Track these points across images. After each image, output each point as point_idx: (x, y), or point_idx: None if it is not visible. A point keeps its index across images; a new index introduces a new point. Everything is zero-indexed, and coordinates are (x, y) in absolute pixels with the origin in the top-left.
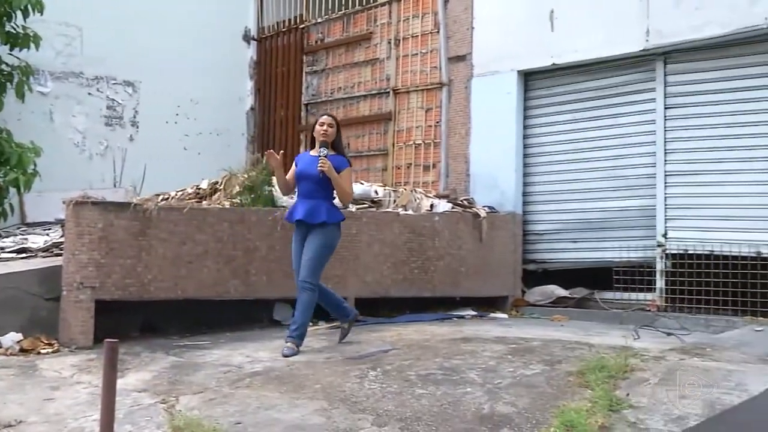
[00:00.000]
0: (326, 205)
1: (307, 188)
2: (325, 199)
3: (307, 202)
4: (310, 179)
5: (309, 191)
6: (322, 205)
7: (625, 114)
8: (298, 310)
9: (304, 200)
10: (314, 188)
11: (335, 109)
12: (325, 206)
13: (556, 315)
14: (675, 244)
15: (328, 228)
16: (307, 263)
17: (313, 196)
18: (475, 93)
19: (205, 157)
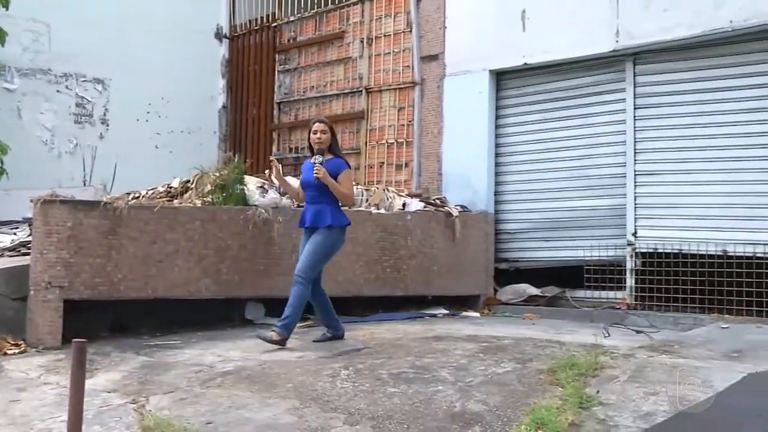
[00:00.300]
0: (330, 209)
1: (311, 194)
2: (328, 203)
3: (312, 208)
4: (312, 186)
5: (313, 197)
6: (327, 210)
7: (596, 114)
8: (288, 302)
9: (310, 206)
10: (317, 194)
11: (308, 108)
12: (330, 210)
13: (527, 313)
14: (644, 242)
15: (333, 230)
16: (304, 258)
17: (317, 201)
18: (447, 92)
19: (176, 155)
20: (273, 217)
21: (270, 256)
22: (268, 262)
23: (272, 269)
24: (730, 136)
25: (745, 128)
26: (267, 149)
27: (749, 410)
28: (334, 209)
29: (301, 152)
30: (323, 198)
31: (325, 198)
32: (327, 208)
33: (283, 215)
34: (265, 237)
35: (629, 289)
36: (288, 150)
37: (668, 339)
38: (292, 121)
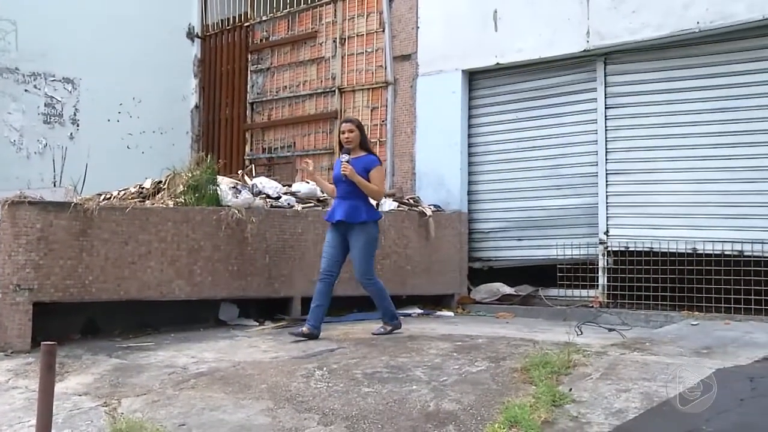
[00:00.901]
0: (363, 204)
1: (343, 190)
2: (361, 198)
3: (345, 203)
4: (344, 182)
5: (345, 193)
6: (360, 205)
7: (567, 113)
8: (376, 303)
9: (342, 201)
10: (349, 189)
11: (280, 108)
12: (363, 206)
13: (501, 312)
14: (616, 241)
15: (368, 225)
16: (359, 262)
17: (350, 197)
18: (420, 92)
19: (148, 155)
20: (246, 217)
21: (243, 257)
22: (241, 263)
23: (246, 270)
24: (699, 136)
25: (713, 128)
26: (240, 149)
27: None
28: (367, 205)
29: (274, 152)
30: (355, 194)
31: (356, 194)
32: (360, 204)
33: (257, 215)
34: (239, 237)
35: (602, 287)
36: (261, 150)
37: (640, 336)
38: (265, 121)
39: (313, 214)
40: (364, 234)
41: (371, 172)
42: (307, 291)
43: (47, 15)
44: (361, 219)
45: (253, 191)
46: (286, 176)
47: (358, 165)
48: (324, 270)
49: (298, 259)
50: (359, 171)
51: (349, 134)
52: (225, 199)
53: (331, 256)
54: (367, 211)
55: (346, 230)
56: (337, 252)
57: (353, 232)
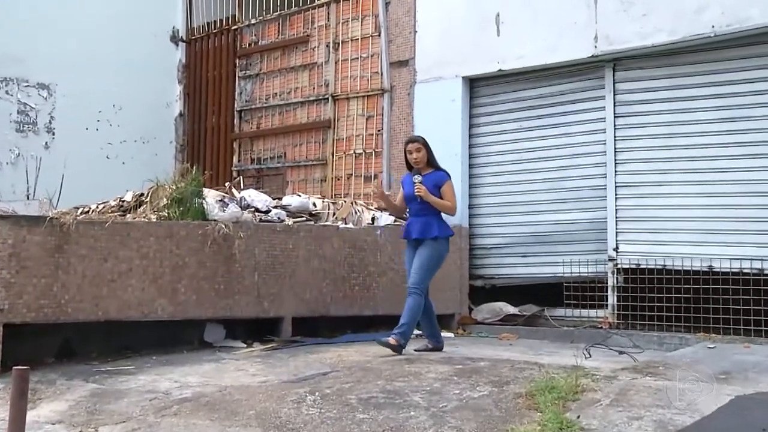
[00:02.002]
0: (436, 221)
1: (416, 208)
2: (434, 215)
3: (419, 220)
4: (416, 200)
5: (418, 210)
6: (433, 222)
7: (574, 123)
8: (404, 312)
9: (417, 218)
10: (421, 207)
11: (270, 117)
12: (436, 222)
13: (504, 333)
14: (627, 258)
15: (439, 241)
16: (417, 271)
17: (423, 214)
18: (418, 100)
19: (129, 166)
20: (234, 232)
21: (231, 274)
22: (228, 281)
23: (233, 288)
24: (714, 146)
25: (729, 137)
26: (227, 160)
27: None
28: (440, 221)
29: (264, 163)
30: (428, 211)
31: (429, 211)
32: (433, 221)
33: (245, 230)
34: (226, 254)
35: (611, 307)
36: (250, 161)
37: (652, 360)
38: (254, 130)
39: (304, 228)
40: (432, 248)
41: (443, 188)
42: (298, 310)
43: (19, 16)
44: (434, 234)
45: (241, 204)
46: (276, 188)
47: (428, 182)
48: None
49: (288, 277)
50: (430, 188)
51: (417, 155)
52: (211, 212)
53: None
54: (439, 227)
55: (418, 245)
56: None
57: (423, 244)
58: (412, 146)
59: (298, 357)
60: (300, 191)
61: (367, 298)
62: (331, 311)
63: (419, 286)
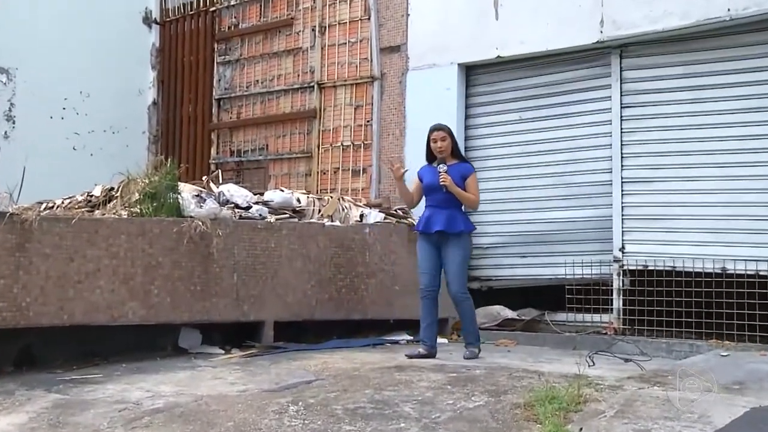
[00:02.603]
0: (460, 214)
1: (438, 199)
2: (458, 208)
3: (442, 212)
4: (439, 191)
5: (441, 202)
6: (458, 215)
7: (578, 113)
8: (464, 321)
9: (439, 210)
10: (445, 198)
11: (251, 105)
12: (460, 216)
13: (502, 339)
14: (633, 259)
15: (464, 236)
16: (456, 276)
17: (447, 206)
18: (410, 88)
19: (98, 158)
20: (212, 230)
21: (208, 275)
22: (206, 282)
23: (211, 290)
24: (730, 139)
25: (745, 129)
26: (205, 152)
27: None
28: (463, 214)
29: (244, 155)
30: (452, 203)
31: (453, 203)
32: (457, 214)
33: (223, 228)
34: (203, 253)
35: (616, 311)
36: (229, 153)
37: (661, 368)
38: (233, 120)
39: (287, 226)
40: (460, 245)
41: (467, 180)
42: (280, 314)
43: None
44: (459, 229)
45: (220, 200)
46: (258, 183)
47: (454, 173)
48: (426, 286)
49: (270, 278)
50: (456, 179)
51: (442, 143)
52: (187, 209)
53: (430, 270)
54: (464, 221)
55: (439, 241)
56: (436, 264)
57: (449, 242)
58: (437, 134)
59: (281, 364)
60: (283, 186)
61: (355, 301)
62: (316, 315)
63: (465, 289)
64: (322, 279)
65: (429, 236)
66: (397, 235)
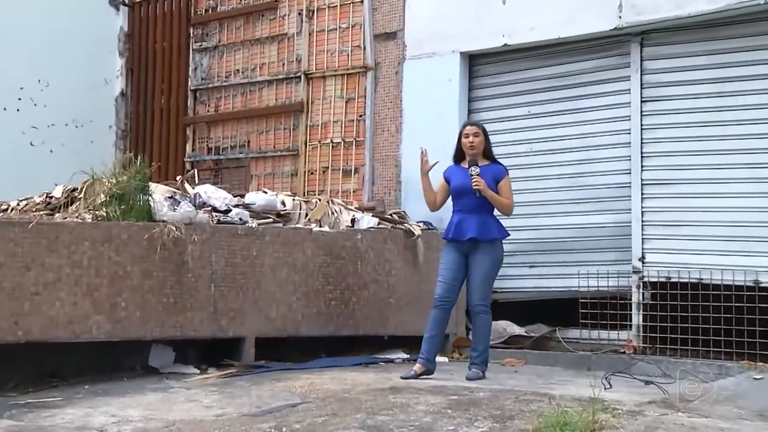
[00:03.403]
0: (494, 220)
1: (469, 204)
2: (490, 212)
3: (473, 218)
4: (471, 194)
5: (472, 206)
6: (491, 221)
7: (593, 108)
8: (476, 337)
9: (469, 216)
10: (478, 202)
11: (231, 97)
12: (494, 221)
13: (508, 359)
14: (655, 269)
15: (497, 244)
16: (480, 285)
17: (479, 210)
18: (408, 80)
19: (59, 155)
20: (186, 236)
21: (182, 286)
22: (179, 294)
23: (185, 303)
24: (761, 136)
25: None
26: (179, 149)
27: None
28: (496, 220)
29: (223, 153)
30: (484, 208)
31: (486, 208)
32: (490, 220)
33: (199, 234)
34: (177, 261)
35: (636, 328)
36: (206, 151)
37: (686, 392)
38: (211, 113)
39: (271, 232)
40: (491, 254)
41: (501, 183)
42: (262, 329)
43: None
44: (493, 236)
45: (196, 203)
46: (238, 184)
47: (486, 175)
48: (440, 296)
49: (251, 290)
50: (489, 182)
51: (475, 139)
52: (159, 212)
53: (450, 280)
54: (498, 228)
55: (470, 249)
56: (459, 275)
57: (479, 250)
58: (470, 129)
59: (263, 385)
60: (266, 187)
61: (346, 316)
62: (302, 331)
63: (487, 302)
64: (309, 291)
65: (459, 244)
66: (393, 242)
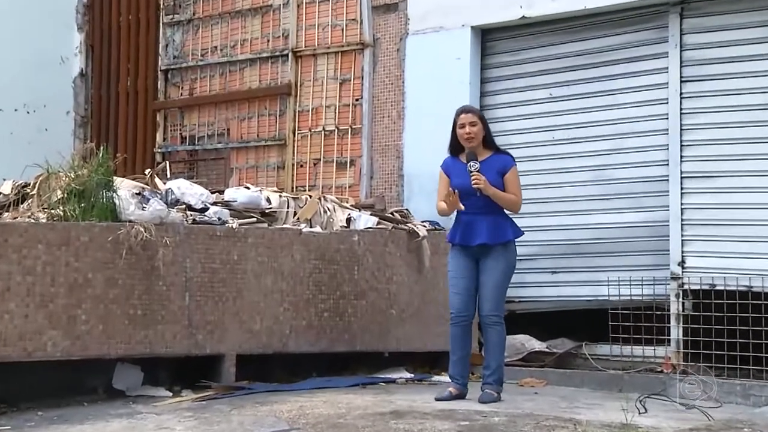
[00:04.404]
0: (505, 219)
1: (476, 204)
2: (501, 211)
3: (483, 220)
4: (475, 193)
5: (481, 207)
6: (503, 221)
7: (625, 90)
8: (489, 352)
9: (478, 217)
10: (485, 201)
11: (208, 79)
12: (506, 221)
13: (527, 378)
14: (697, 275)
15: (510, 246)
16: (493, 293)
17: (487, 211)
18: (411, 58)
19: (8, 145)
20: (157, 237)
21: (152, 296)
22: (149, 305)
23: (155, 315)
24: None
25: None
26: (148, 138)
27: None
28: (508, 219)
29: (199, 143)
30: (492, 208)
31: (495, 207)
32: (502, 220)
33: (172, 235)
34: (145, 268)
35: (675, 343)
36: (179, 140)
37: (734, 418)
38: (185, 97)
39: (254, 233)
40: (505, 257)
41: (507, 176)
42: (245, 345)
43: None
44: (507, 238)
45: (168, 200)
46: (217, 178)
47: (489, 169)
48: (459, 310)
49: (232, 300)
50: (492, 177)
51: (472, 129)
52: (125, 211)
53: (465, 290)
54: (512, 228)
55: (480, 253)
56: (473, 283)
57: (492, 254)
58: (466, 117)
59: (245, 409)
60: (249, 182)
61: (340, 329)
62: (290, 347)
63: (501, 312)
64: (299, 301)
65: (468, 249)
66: (394, 244)
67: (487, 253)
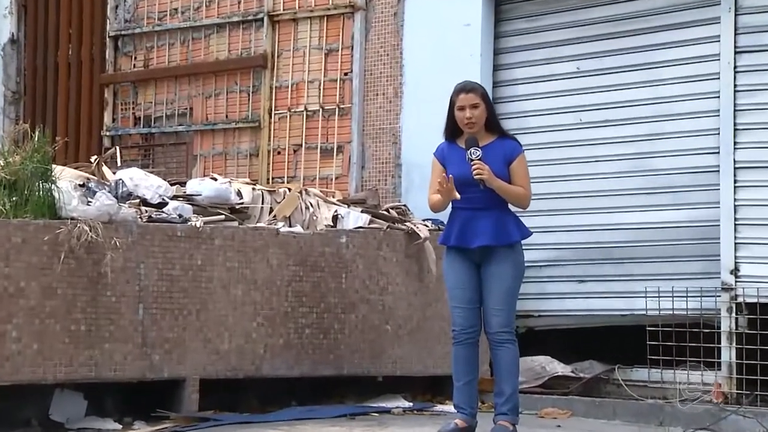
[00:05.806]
0: (511, 216)
1: (476, 197)
2: (505, 207)
3: (485, 217)
4: (476, 185)
5: (481, 200)
6: (507, 218)
7: (668, 63)
8: (501, 376)
9: (479, 214)
10: (487, 195)
11: (167, 47)
12: (511, 218)
13: (549, 408)
14: (753, 286)
15: (517, 248)
16: (501, 305)
17: (489, 205)
18: (410, 24)
19: None
20: (105, 238)
21: (99, 309)
22: (95, 319)
23: (102, 331)
24: None
25: None
26: (94, 118)
27: None
28: (514, 216)
29: (156, 125)
30: (495, 202)
31: (499, 202)
32: (507, 216)
33: (123, 236)
34: (91, 274)
35: (727, 367)
36: (132, 121)
37: None
38: (139, 69)
39: (222, 234)
40: (512, 260)
41: (513, 165)
42: (210, 368)
43: None
44: (513, 239)
45: (118, 193)
46: (177, 167)
47: (493, 157)
48: (462, 327)
49: (195, 313)
50: (496, 166)
51: (473, 112)
52: (67, 206)
53: (467, 302)
54: (518, 227)
55: (481, 257)
56: (476, 294)
57: (495, 258)
58: (467, 98)
59: None
60: (216, 172)
61: (325, 349)
62: (264, 370)
63: (512, 328)
64: (275, 315)
65: (466, 253)
66: (390, 247)
67: (489, 257)
